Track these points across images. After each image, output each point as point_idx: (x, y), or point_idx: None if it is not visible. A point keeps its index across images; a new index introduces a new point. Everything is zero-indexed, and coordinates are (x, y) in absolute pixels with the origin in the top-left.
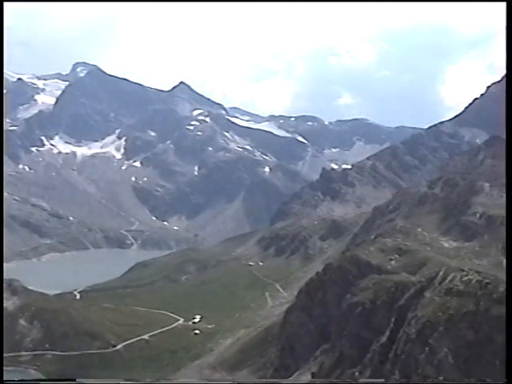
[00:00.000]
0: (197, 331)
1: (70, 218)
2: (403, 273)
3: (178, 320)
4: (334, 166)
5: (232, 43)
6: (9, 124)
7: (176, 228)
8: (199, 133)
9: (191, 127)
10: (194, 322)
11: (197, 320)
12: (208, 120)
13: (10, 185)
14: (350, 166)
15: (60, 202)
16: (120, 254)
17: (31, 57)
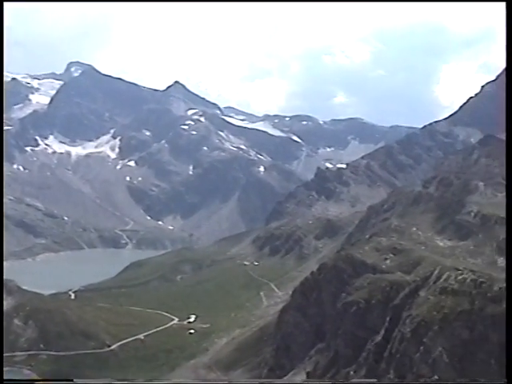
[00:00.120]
0: (192, 331)
1: (65, 218)
2: (398, 272)
3: (172, 320)
4: (328, 165)
5: (227, 43)
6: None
7: (171, 228)
8: (194, 132)
9: (186, 127)
10: (189, 322)
11: (192, 320)
12: (203, 119)
13: (5, 185)
14: (344, 166)
15: (55, 201)
16: (115, 253)
17: (26, 56)
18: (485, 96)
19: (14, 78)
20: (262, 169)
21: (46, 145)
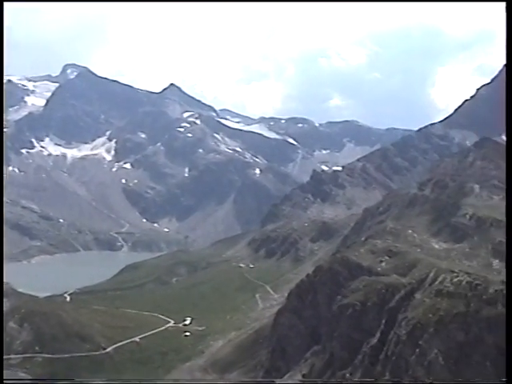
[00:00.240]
0: (187, 333)
1: (61, 220)
2: (393, 274)
3: (168, 322)
4: (324, 167)
5: (222, 45)
6: None
7: (166, 230)
8: (189, 135)
9: (181, 129)
10: (185, 324)
11: (187, 322)
12: (198, 122)
13: None
14: (340, 168)
15: (50, 204)
16: (110, 256)
17: (21, 58)
18: (480, 99)
19: (9, 80)
20: (257, 171)
21: (41, 147)
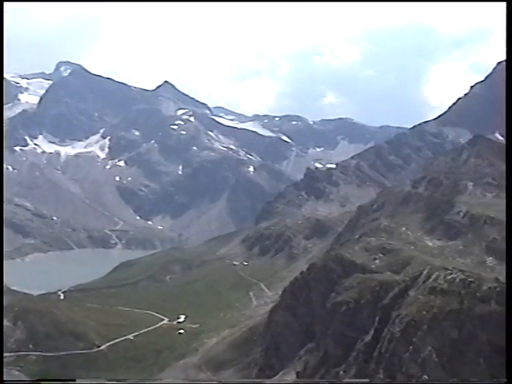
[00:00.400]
0: (181, 331)
1: (54, 218)
2: (387, 272)
3: (162, 320)
4: (318, 165)
5: (216, 43)
6: None
7: (160, 228)
8: (183, 132)
9: (175, 127)
10: (179, 322)
11: (181, 320)
12: (192, 119)
13: None
14: (334, 166)
15: (44, 201)
16: (104, 253)
17: (15, 56)
18: (474, 97)
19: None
20: (251, 169)
21: (35, 144)
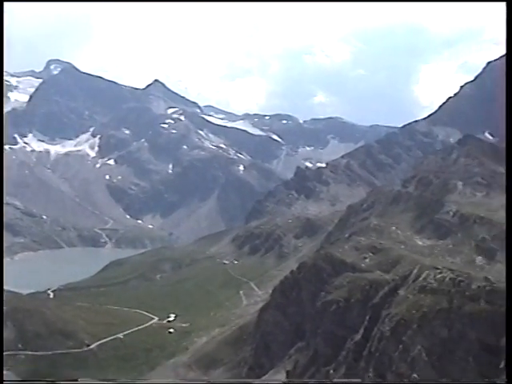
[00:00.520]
0: (171, 330)
1: (44, 217)
2: (377, 271)
3: (152, 319)
4: (308, 164)
5: (207, 42)
6: None
7: (150, 226)
8: (174, 131)
9: (166, 125)
10: (169, 321)
11: (171, 319)
12: (182, 118)
13: None
14: (324, 165)
15: (33, 200)
16: (94, 252)
17: (4, 54)
18: (464, 96)
19: None
20: (241, 168)
21: (24, 143)
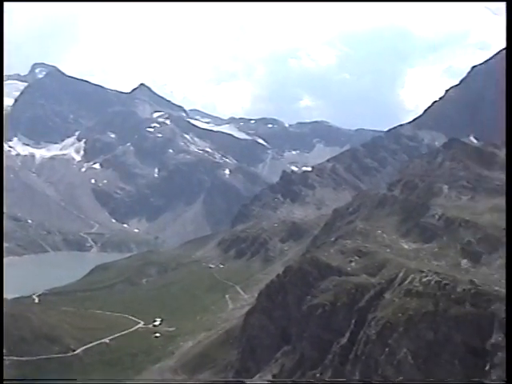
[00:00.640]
0: (157, 334)
1: (29, 221)
2: (363, 274)
3: (138, 323)
4: (294, 168)
5: (192, 45)
6: None
7: (136, 230)
8: (159, 135)
9: (151, 129)
10: (155, 325)
11: (157, 323)
12: (168, 122)
13: None
14: (310, 169)
15: (18, 204)
16: (80, 256)
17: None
18: (449, 100)
19: None
20: (227, 171)
21: (9, 147)
